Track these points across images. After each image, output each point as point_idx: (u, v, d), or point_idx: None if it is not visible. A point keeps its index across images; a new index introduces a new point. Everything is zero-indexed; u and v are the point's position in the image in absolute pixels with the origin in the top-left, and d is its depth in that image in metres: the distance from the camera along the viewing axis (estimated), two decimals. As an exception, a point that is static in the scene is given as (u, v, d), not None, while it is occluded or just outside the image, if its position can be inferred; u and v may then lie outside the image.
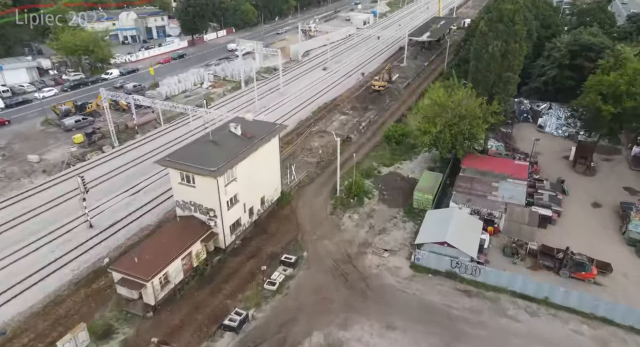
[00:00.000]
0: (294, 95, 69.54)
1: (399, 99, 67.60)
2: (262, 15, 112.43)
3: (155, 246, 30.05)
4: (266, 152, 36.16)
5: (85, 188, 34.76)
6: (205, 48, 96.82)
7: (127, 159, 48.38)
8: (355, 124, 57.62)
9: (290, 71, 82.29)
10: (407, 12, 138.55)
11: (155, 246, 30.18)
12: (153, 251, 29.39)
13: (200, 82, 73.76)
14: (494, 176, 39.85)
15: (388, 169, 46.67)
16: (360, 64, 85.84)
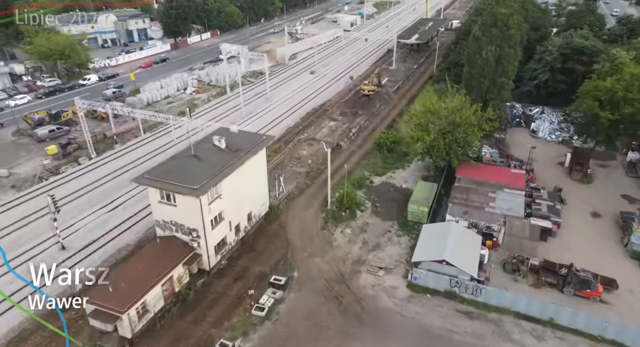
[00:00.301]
0: (281, 100, 67.41)
1: (389, 104, 66.02)
2: (247, 17, 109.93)
3: (133, 272, 27.70)
4: (253, 165, 34.03)
5: (56, 207, 32.14)
6: (189, 51, 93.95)
7: (105, 172, 45.66)
8: (345, 131, 55.78)
9: (277, 75, 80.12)
10: (394, 13, 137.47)
11: (132, 271, 27.82)
12: (130, 278, 27.02)
13: (183, 88, 71.08)
14: (490, 185, 38.41)
15: (380, 178, 44.92)
16: (349, 67, 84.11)
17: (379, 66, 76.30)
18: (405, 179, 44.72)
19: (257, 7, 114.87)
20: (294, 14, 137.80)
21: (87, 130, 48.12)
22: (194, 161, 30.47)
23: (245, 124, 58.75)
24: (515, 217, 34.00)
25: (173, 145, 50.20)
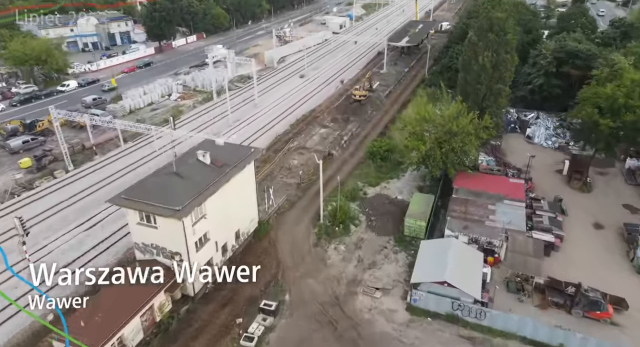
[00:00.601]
0: (270, 106, 65.27)
1: (381, 109, 64.35)
2: (234, 20, 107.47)
3: (108, 301, 25.32)
4: (240, 181, 31.89)
5: (24, 230, 29.54)
6: (174, 55, 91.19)
7: (83, 186, 43.00)
8: (336, 138, 53.88)
9: (266, 79, 77.93)
10: (383, 15, 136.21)
11: (107, 301, 25.44)
12: (105, 308, 24.68)
13: (168, 94, 68.48)
14: (489, 197, 36.85)
15: (374, 189, 43.09)
16: (339, 70, 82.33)
17: (370, 70, 74.61)
18: (400, 189, 42.96)
19: (244, 9, 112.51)
20: (282, 15, 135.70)
21: (63, 141, 45.35)
22: (175, 179, 28.23)
23: (233, 132, 56.48)
24: (517, 231, 32.44)
25: (156, 156, 47.76)
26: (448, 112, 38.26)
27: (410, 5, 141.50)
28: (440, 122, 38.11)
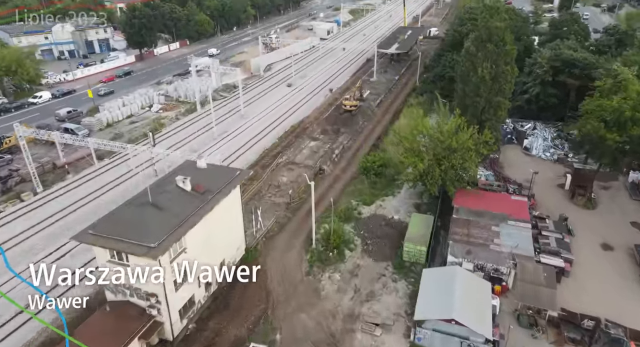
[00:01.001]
0: (256, 117, 62.45)
1: (372, 119, 62.06)
2: (218, 26, 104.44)
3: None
4: (225, 208, 28.99)
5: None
6: (155, 63, 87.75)
7: (54, 209, 39.49)
8: (327, 152, 51.27)
9: (252, 88, 75.12)
10: (370, 20, 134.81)
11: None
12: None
13: (148, 105, 65.08)
14: (492, 217, 34.60)
15: (369, 208, 40.54)
16: (328, 78, 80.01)
17: (360, 79, 72.40)
18: (396, 208, 40.50)
19: (229, 15, 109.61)
20: (268, 21, 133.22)
21: (31, 160, 41.73)
22: (151, 210, 25.19)
23: (218, 146, 53.51)
24: (525, 257, 30.18)
25: (135, 174, 44.47)
26: (447, 127, 36.00)
27: (397, 10, 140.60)
28: (438, 138, 35.81)
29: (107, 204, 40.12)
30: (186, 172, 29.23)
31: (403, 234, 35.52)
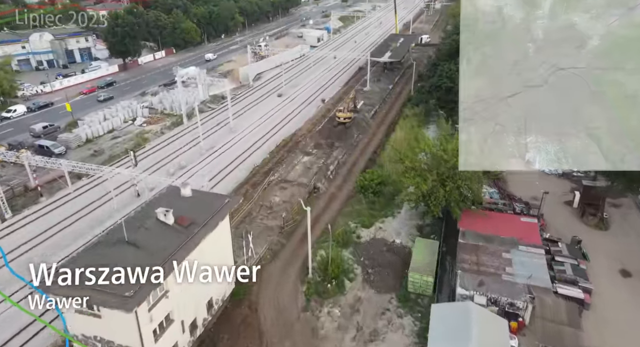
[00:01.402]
0: (246, 130, 59.60)
1: (367, 131, 59.61)
2: (205, 34, 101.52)
3: None
4: (213, 241, 26.02)
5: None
6: (140, 73, 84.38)
7: (22, 238, 36.04)
8: (321, 168, 48.56)
9: (241, 99, 72.30)
10: (361, 27, 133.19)
11: None
12: None
13: (132, 118, 61.75)
14: (501, 241, 32.19)
15: (368, 231, 37.85)
16: (319, 88, 77.61)
17: (353, 89, 70.09)
18: (397, 231, 37.88)
19: (217, 22, 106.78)
20: (256, 28, 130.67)
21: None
22: (127, 251, 22.13)
23: (205, 163, 50.53)
24: (542, 288, 27.75)
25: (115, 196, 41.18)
26: (452, 146, 33.58)
27: (387, 17, 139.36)
28: (442, 157, 33.37)
29: (83, 230, 36.96)
30: (168, 202, 26.28)
31: (406, 261, 32.94)
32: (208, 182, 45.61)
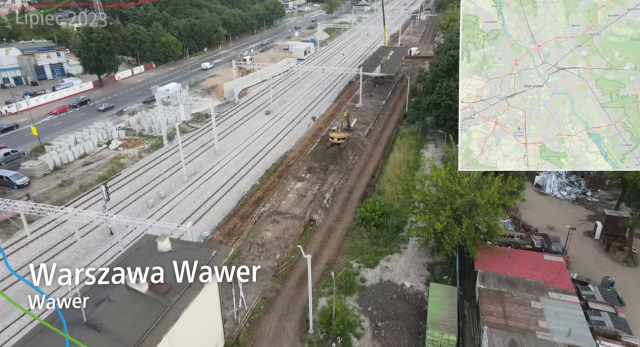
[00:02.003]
0: (232, 153, 55.19)
1: (363, 152, 55.85)
2: (187, 47, 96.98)
3: None
4: (197, 305, 21.46)
5: None
6: (117, 89, 79.19)
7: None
8: (316, 196, 44.39)
9: (226, 117, 67.95)
10: (347, 39, 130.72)
11: None
12: None
13: (106, 141, 56.63)
14: (527, 286, 28.44)
15: (373, 272, 33.71)
16: (309, 104, 73.88)
17: (347, 107, 66.54)
18: (406, 271, 33.84)
19: (199, 35, 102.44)
20: (240, 41, 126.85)
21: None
22: (86, 337, 17.39)
23: (188, 192, 45.82)
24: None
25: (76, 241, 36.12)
26: (468, 178, 29.90)
27: (374, 29, 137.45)
28: (458, 191, 29.62)
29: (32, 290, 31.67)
30: (142, 260, 21.66)
31: (420, 310, 28.96)
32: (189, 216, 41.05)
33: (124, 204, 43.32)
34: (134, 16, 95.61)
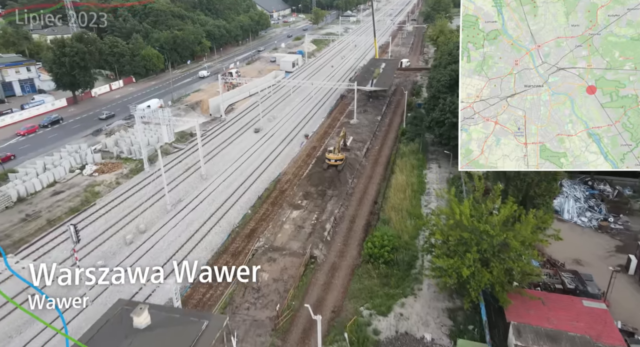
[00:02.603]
0: (221, 177, 50.56)
1: (362, 174, 51.86)
2: (169, 60, 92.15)
3: None
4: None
5: None
6: (94, 106, 73.65)
7: None
8: (315, 227, 40.05)
9: (213, 136, 63.33)
10: (336, 50, 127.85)
11: None
12: None
13: (80, 166, 51.31)
14: (571, 342, 24.55)
15: (387, 321, 29.42)
16: (300, 120, 69.87)
17: (342, 124, 62.73)
18: (424, 319, 29.65)
19: (182, 47, 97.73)
20: (225, 53, 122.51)
21: None
22: None
23: (171, 224, 41.01)
24: None
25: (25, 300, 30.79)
26: (498, 217, 26.10)
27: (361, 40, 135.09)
28: (487, 231, 25.76)
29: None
30: (113, 341, 16.89)
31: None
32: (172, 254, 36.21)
33: (98, 241, 38.18)
34: (112, 28, 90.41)
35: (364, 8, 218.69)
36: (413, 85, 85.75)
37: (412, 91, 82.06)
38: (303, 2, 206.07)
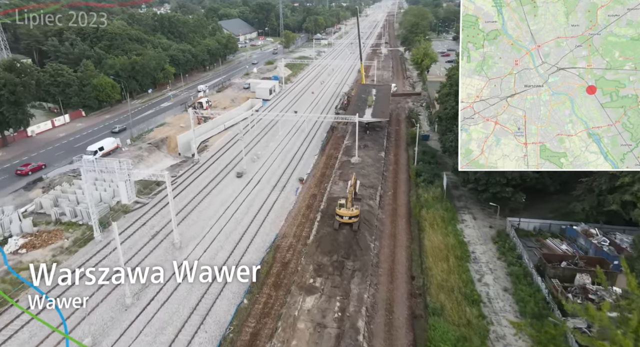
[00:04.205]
0: (199, 247, 38.17)
1: (383, 233, 41.07)
2: (126, 90, 78.91)
3: None
4: None
5: None
6: (29, 149, 59.22)
7: None
8: (344, 325, 28.43)
9: (185, 184, 50.77)
10: (313, 75, 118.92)
11: None
12: None
13: (1, 238, 37.36)
14: None
15: None
16: (290, 160, 58.79)
17: (347, 167, 52.11)
18: None
19: (141, 74, 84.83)
20: (191, 79, 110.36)
21: None
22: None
23: (132, 334, 28.07)
24: None
25: None
26: (634, 322, 16.00)
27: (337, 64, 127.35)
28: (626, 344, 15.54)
29: None
30: None
31: None
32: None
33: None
34: (56, 53, 76.54)
35: (333, 31, 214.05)
36: (410, 113, 77.42)
37: (410, 119, 73.58)
38: (270, 26, 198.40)
